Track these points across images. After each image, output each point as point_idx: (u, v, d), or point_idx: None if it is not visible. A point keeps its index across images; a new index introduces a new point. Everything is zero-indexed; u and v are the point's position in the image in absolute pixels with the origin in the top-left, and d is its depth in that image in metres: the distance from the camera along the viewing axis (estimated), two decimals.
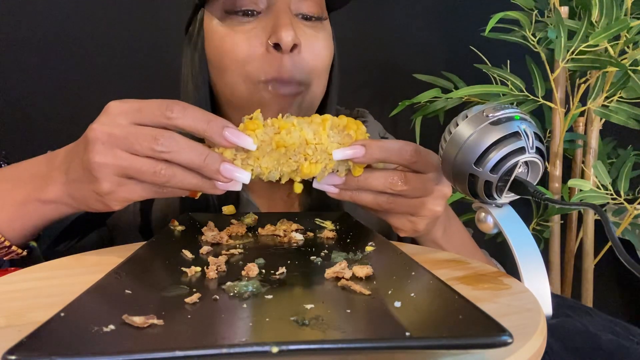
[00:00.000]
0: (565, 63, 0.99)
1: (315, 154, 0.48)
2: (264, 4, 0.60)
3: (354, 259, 0.45)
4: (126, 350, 0.23)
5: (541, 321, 0.32)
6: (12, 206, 0.50)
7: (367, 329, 0.31)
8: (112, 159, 0.42)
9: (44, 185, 0.49)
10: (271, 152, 0.47)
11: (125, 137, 0.42)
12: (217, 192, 0.46)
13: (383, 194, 0.51)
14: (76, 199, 0.48)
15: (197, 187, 0.45)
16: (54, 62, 1.12)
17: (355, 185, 0.51)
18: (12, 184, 0.51)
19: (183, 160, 0.42)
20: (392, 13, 1.29)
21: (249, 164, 0.47)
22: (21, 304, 0.35)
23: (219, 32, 0.61)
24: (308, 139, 0.47)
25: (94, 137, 0.42)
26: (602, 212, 0.38)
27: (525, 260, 0.43)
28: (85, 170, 0.44)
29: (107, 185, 0.43)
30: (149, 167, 0.42)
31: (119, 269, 0.36)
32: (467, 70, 1.15)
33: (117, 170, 0.42)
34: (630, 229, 1.13)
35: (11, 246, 0.52)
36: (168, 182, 0.43)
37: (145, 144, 0.42)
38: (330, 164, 0.49)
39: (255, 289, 0.36)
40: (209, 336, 0.29)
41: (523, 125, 0.44)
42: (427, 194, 0.51)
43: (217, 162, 0.44)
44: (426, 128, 1.13)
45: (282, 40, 0.57)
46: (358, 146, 0.48)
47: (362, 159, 0.48)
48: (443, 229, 0.59)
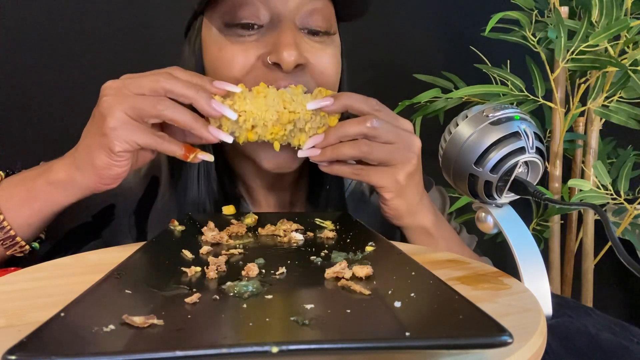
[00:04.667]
0: (565, 63, 0.99)
1: (293, 105, 0.54)
2: (267, 17, 0.57)
3: (354, 259, 0.45)
4: (126, 350, 0.23)
5: (541, 321, 0.32)
6: (21, 193, 0.54)
7: (367, 329, 0.31)
8: (121, 98, 0.49)
9: (52, 168, 0.53)
10: (253, 98, 0.54)
11: (132, 82, 0.50)
12: (209, 136, 0.51)
13: (361, 140, 0.55)
14: (82, 164, 0.51)
15: (191, 124, 0.50)
16: (54, 63, 1.12)
17: (333, 136, 0.55)
18: (24, 177, 0.56)
19: (179, 91, 0.50)
20: (392, 13, 1.29)
21: (235, 109, 0.53)
22: (21, 304, 0.35)
23: (217, 42, 0.59)
24: (285, 98, 0.54)
25: (106, 86, 0.50)
26: (602, 212, 0.38)
27: (525, 260, 0.43)
28: (94, 118, 0.50)
29: (112, 121, 0.48)
30: (150, 98, 0.49)
31: (119, 269, 0.36)
32: (467, 70, 1.15)
33: (123, 107, 0.48)
34: (630, 229, 1.13)
35: (16, 236, 0.54)
36: (164, 110, 0.49)
37: (148, 83, 0.49)
38: (307, 115, 0.55)
39: (255, 289, 0.36)
40: (209, 336, 0.29)
41: (523, 125, 0.44)
42: (399, 139, 0.55)
43: (209, 97, 0.51)
44: (426, 128, 1.13)
45: (283, 61, 0.55)
46: (328, 97, 0.55)
47: (332, 107, 0.54)
48: (433, 217, 0.60)
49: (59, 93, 1.13)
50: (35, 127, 1.12)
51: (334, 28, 0.62)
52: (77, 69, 1.13)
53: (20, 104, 1.12)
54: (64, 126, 0.95)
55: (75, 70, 1.13)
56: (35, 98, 1.12)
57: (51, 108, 1.13)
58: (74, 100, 1.12)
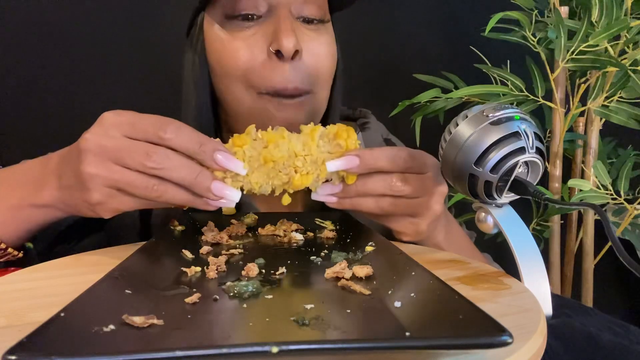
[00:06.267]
0: (565, 63, 0.99)
1: (305, 166, 0.48)
2: (265, 7, 0.59)
3: (354, 259, 0.45)
4: (126, 350, 0.23)
5: (541, 321, 0.32)
6: (6, 210, 0.50)
7: (367, 329, 0.31)
8: (103, 170, 0.42)
9: (38, 189, 0.49)
10: (260, 167, 0.47)
11: (117, 150, 0.42)
12: (210, 208, 0.46)
13: (384, 197, 0.50)
14: (68, 205, 0.48)
15: (189, 203, 0.45)
16: (54, 63, 1.12)
17: (354, 192, 0.50)
18: (6, 188, 0.51)
19: (175, 177, 0.43)
20: (392, 13, 1.29)
21: (239, 180, 0.47)
22: (21, 304, 0.35)
23: (219, 37, 0.60)
24: (297, 151, 0.47)
25: (86, 148, 0.42)
26: (602, 212, 0.38)
27: (525, 260, 0.43)
28: (77, 179, 0.44)
29: (97, 195, 0.43)
30: (141, 182, 0.42)
31: (119, 269, 0.36)
32: (467, 70, 1.15)
33: (108, 182, 0.43)
34: (630, 229, 1.13)
35: (7, 248, 0.52)
36: (160, 197, 0.43)
37: (137, 159, 0.42)
38: (322, 174, 0.49)
39: (255, 289, 0.36)
40: (209, 336, 0.29)
41: (523, 125, 0.44)
42: (426, 193, 0.51)
43: (209, 180, 0.44)
44: (426, 128, 1.13)
45: (283, 48, 0.56)
46: (352, 156, 0.48)
47: (357, 170, 0.48)
48: (444, 232, 0.58)
49: (59, 93, 1.13)
50: (35, 127, 1.12)
51: (327, 16, 0.63)
52: (77, 68, 1.13)
53: (21, 104, 1.12)
54: (64, 126, 0.96)
55: (76, 69, 1.13)
56: (35, 98, 1.12)
57: (51, 107, 1.13)
58: (73, 101, 1.12)
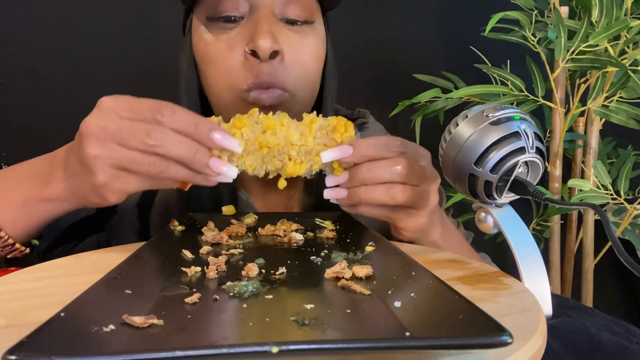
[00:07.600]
0: (565, 63, 0.99)
1: (300, 155, 0.48)
2: (246, 8, 0.59)
3: (354, 259, 0.45)
4: (126, 350, 0.23)
5: (541, 321, 0.32)
6: (15, 206, 0.51)
7: (367, 329, 0.31)
8: (106, 151, 0.43)
9: (46, 183, 0.49)
10: (255, 152, 0.48)
11: (118, 131, 0.43)
12: (209, 183, 0.47)
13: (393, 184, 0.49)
14: (76, 194, 0.48)
15: (189, 178, 0.46)
16: (53, 63, 1.12)
17: (360, 180, 0.49)
18: (15, 184, 0.52)
19: (174, 154, 0.43)
20: (392, 13, 1.29)
21: (233, 160, 0.47)
22: (21, 304, 0.35)
23: (203, 39, 0.61)
24: (293, 141, 0.48)
25: (87, 131, 0.43)
26: (602, 212, 0.38)
27: (525, 260, 0.43)
28: (81, 163, 0.45)
29: (102, 176, 0.44)
30: (143, 159, 0.43)
31: (119, 269, 0.36)
32: (467, 70, 1.15)
33: (111, 161, 0.43)
34: (630, 229, 1.13)
35: (15, 244, 0.53)
36: (162, 172, 0.44)
37: (138, 138, 0.42)
38: (316, 166, 0.49)
39: (255, 289, 0.36)
40: (209, 336, 0.29)
41: (523, 125, 0.44)
42: (425, 181, 0.51)
43: (206, 157, 0.45)
44: (426, 128, 1.13)
45: (259, 48, 0.56)
46: (346, 146, 0.48)
47: (351, 159, 0.48)
48: (441, 229, 0.59)
49: (59, 93, 1.13)
50: (36, 126, 1.12)
51: (314, 17, 0.62)
52: (79, 68, 1.13)
53: (21, 104, 1.12)
54: (64, 126, 0.96)
55: (77, 70, 1.13)
56: (36, 97, 1.12)
57: (52, 107, 1.13)
58: (73, 100, 1.12)
